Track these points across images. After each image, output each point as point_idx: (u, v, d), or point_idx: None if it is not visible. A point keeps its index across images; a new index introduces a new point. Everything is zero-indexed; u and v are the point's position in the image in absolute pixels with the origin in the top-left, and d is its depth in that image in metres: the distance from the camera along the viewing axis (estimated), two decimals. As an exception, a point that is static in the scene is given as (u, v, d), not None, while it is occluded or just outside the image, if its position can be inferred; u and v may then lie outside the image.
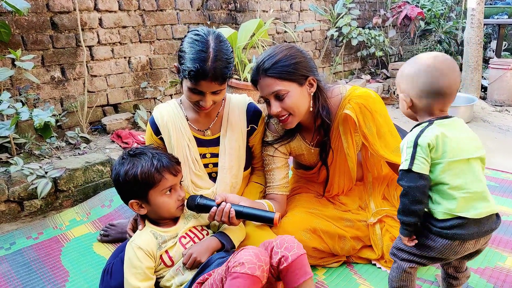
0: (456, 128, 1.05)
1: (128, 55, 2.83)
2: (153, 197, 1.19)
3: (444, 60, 1.04)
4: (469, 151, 1.02)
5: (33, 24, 2.34)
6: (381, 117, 1.42)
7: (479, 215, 1.00)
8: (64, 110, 2.54)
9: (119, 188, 1.22)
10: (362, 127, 1.40)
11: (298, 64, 1.32)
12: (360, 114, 1.39)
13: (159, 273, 1.20)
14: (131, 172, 1.16)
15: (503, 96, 4.05)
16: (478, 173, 1.02)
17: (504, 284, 1.36)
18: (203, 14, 3.24)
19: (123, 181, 1.18)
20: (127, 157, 1.20)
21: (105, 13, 2.65)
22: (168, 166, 1.19)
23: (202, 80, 1.23)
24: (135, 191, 1.19)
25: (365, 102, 1.39)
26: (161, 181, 1.18)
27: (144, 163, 1.17)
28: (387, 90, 4.58)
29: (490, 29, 5.97)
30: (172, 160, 1.22)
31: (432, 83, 1.03)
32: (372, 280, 1.41)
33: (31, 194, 1.90)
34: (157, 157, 1.19)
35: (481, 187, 1.02)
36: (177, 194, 1.22)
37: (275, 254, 1.06)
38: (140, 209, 1.22)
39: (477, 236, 1.02)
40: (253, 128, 1.50)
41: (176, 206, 1.22)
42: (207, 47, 1.23)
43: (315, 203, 1.59)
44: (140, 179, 1.16)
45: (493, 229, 1.04)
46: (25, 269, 1.53)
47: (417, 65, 1.06)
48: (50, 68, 2.46)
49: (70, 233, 1.80)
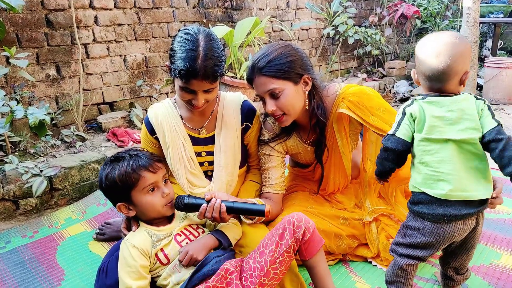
0: (446, 107, 1.04)
1: (124, 53, 2.82)
2: (136, 197, 1.19)
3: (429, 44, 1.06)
4: (448, 132, 1.03)
5: (27, 22, 2.32)
6: (383, 112, 1.39)
7: (444, 196, 1.02)
8: (59, 108, 2.52)
9: (104, 193, 1.24)
10: (367, 121, 1.38)
11: (293, 62, 1.32)
12: (358, 110, 1.39)
13: (156, 272, 1.20)
14: (110, 176, 1.18)
15: (499, 94, 4.07)
16: (453, 154, 1.02)
17: (498, 281, 1.37)
18: (199, 12, 3.23)
19: (105, 185, 1.20)
20: (108, 162, 1.22)
21: (101, 10, 2.63)
22: (145, 165, 1.19)
23: (193, 79, 1.23)
24: (118, 194, 1.20)
25: (359, 99, 1.39)
26: (140, 180, 1.18)
27: (122, 165, 1.18)
28: (384, 88, 4.60)
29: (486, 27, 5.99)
30: (150, 158, 1.22)
31: (421, 65, 1.07)
32: (368, 278, 1.42)
33: (26, 192, 1.89)
34: (134, 158, 1.20)
35: (452, 169, 1.02)
36: (161, 192, 1.21)
37: (298, 228, 1.14)
38: (129, 212, 1.22)
39: (443, 219, 1.03)
40: (248, 126, 1.49)
41: (162, 203, 1.21)
42: (197, 45, 1.22)
43: (311, 201, 1.60)
44: (119, 181, 1.17)
45: (463, 215, 1.02)
46: (21, 268, 1.53)
47: (420, 44, 1.10)
48: (45, 66, 2.44)
49: (65, 231, 1.79)
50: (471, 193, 1.02)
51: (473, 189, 1.03)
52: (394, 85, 4.61)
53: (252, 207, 1.26)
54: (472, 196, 1.02)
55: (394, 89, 4.54)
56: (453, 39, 1.03)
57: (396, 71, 4.82)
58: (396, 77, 4.81)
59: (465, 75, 1.05)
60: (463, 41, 1.05)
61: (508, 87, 4.01)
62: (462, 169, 1.02)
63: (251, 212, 1.28)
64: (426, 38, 1.09)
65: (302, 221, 1.15)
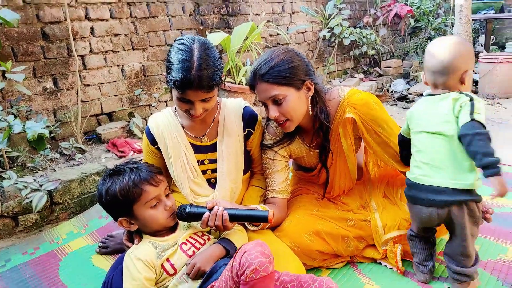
0: (433, 103, 1.22)
1: (121, 63, 2.81)
2: (138, 212, 1.17)
3: (436, 43, 1.24)
4: (426, 126, 1.21)
5: (23, 35, 2.30)
6: (386, 125, 1.41)
7: (414, 179, 1.22)
8: (58, 121, 2.50)
9: (104, 208, 1.21)
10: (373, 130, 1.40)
11: (294, 68, 1.31)
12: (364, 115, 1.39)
13: (162, 283, 1.17)
14: (111, 191, 1.15)
15: (494, 89, 4.08)
16: (429, 145, 1.19)
17: (507, 276, 1.34)
18: (195, 20, 3.22)
19: (106, 200, 1.17)
20: (107, 176, 1.19)
21: (97, 21, 2.63)
22: (146, 178, 1.16)
23: (188, 90, 1.21)
24: (119, 209, 1.17)
25: (367, 110, 1.39)
26: (142, 195, 1.15)
27: (122, 179, 1.15)
28: (381, 88, 4.60)
29: (478, 24, 6.04)
30: (152, 171, 1.19)
31: (428, 61, 1.24)
32: (376, 279, 1.40)
33: (26, 208, 1.86)
34: (134, 171, 1.17)
35: (425, 158, 1.20)
36: (163, 205, 1.19)
37: None
38: (130, 226, 1.20)
39: (415, 201, 1.23)
40: (250, 132, 1.48)
41: (165, 216, 1.19)
42: (191, 55, 1.21)
43: (316, 204, 1.58)
44: (120, 196, 1.14)
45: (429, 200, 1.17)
46: (22, 286, 1.49)
47: (429, 45, 1.26)
48: (42, 79, 2.43)
49: (67, 246, 1.76)
50: (435, 179, 1.16)
51: (439, 177, 1.16)
52: (391, 84, 4.62)
53: (255, 214, 1.24)
54: (435, 182, 1.16)
55: (391, 88, 4.55)
56: (456, 41, 1.22)
57: (392, 70, 4.83)
58: (392, 76, 4.82)
59: (465, 73, 1.19)
60: (465, 44, 1.22)
61: (502, 81, 4.02)
62: (436, 159, 1.17)
63: (254, 219, 1.26)
64: (434, 40, 1.26)
65: None
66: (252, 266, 0.95)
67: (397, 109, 4.00)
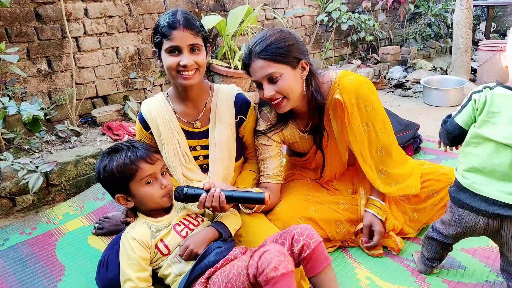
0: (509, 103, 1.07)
1: (116, 46, 2.78)
2: (134, 188, 1.19)
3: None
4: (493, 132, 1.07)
5: (16, 16, 2.27)
6: (372, 110, 1.40)
7: (468, 186, 1.11)
8: (53, 103, 2.49)
9: (102, 184, 1.24)
10: (350, 114, 1.39)
11: (290, 46, 1.31)
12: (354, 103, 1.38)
13: (157, 263, 1.21)
14: (108, 167, 1.18)
15: (493, 78, 4.08)
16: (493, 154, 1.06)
17: (495, 262, 1.39)
18: (190, 2, 3.18)
19: (103, 177, 1.20)
20: (106, 154, 1.22)
21: (91, 2, 2.58)
22: (143, 156, 1.19)
23: (174, 30, 1.27)
24: (116, 186, 1.20)
25: (356, 89, 1.38)
26: (138, 172, 1.18)
27: (119, 156, 1.18)
28: (378, 74, 4.58)
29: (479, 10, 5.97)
30: (148, 149, 1.22)
31: None
32: (366, 264, 1.44)
33: (23, 189, 1.88)
34: (131, 149, 1.20)
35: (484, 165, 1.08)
36: (159, 183, 1.21)
37: (297, 242, 1.08)
38: (127, 203, 1.23)
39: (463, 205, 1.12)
40: (242, 119, 1.48)
41: (160, 195, 1.21)
42: (175, 10, 1.34)
43: (309, 189, 1.60)
44: (117, 173, 1.17)
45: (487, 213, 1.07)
46: (20, 265, 1.53)
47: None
48: (36, 60, 2.40)
49: (64, 227, 1.79)
50: (491, 190, 1.06)
51: (496, 189, 1.06)
52: (389, 71, 4.60)
53: (252, 196, 1.26)
54: (492, 194, 1.06)
55: (388, 75, 4.53)
56: None
57: (390, 57, 4.80)
58: (390, 62, 4.80)
59: None
60: None
61: (502, 70, 4.00)
62: (498, 171, 1.05)
63: (251, 201, 1.27)
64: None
65: (302, 236, 1.08)
66: (272, 265, 0.96)
67: (393, 97, 4.01)
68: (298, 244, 1.08)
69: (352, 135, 1.42)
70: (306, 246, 1.07)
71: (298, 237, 1.08)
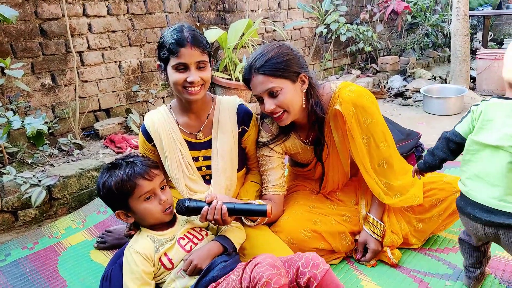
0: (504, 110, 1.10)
1: (119, 59, 2.81)
2: (134, 205, 1.19)
3: None
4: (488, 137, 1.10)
5: (21, 32, 2.31)
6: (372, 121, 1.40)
7: (466, 193, 1.14)
8: (56, 117, 2.51)
9: (103, 200, 1.24)
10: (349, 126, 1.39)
11: (289, 61, 1.33)
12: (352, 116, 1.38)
13: (160, 277, 1.20)
14: (107, 184, 1.18)
15: (492, 85, 4.11)
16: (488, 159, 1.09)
17: (504, 273, 1.36)
18: (192, 16, 3.23)
19: (103, 193, 1.20)
20: (105, 170, 1.22)
21: (94, 18, 2.63)
22: (140, 173, 1.18)
23: (182, 48, 1.28)
24: (116, 202, 1.20)
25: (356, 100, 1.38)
26: (136, 188, 1.17)
27: (118, 173, 1.18)
28: (378, 84, 4.62)
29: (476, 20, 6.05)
30: (147, 165, 1.21)
31: None
32: (373, 276, 1.42)
33: (25, 203, 1.88)
34: (130, 165, 1.19)
35: (480, 170, 1.11)
36: (158, 199, 1.20)
37: (302, 274, 1.04)
38: (127, 218, 1.22)
39: (463, 212, 1.15)
40: (244, 130, 1.49)
41: (160, 210, 1.20)
42: (181, 26, 1.35)
43: (312, 200, 1.60)
44: (115, 189, 1.17)
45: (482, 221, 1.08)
46: (22, 280, 1.51)
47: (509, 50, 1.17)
48: (40, 75, 2.43)
49: (66, 241, 1.78)
50: (484, 197, 1.08)
51: (488, 195, 1.07)
52: (388, 81, 4.64)
53: (254, 208, 1.25)
54: (484, 200, 1.08)
55: (388, 85, 4.57)
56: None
57: (389, 67, 4.85)
58: (389, 72, 4.84)
59: None
60: None
61: (500, 78, 3.98)
62: (491, 174, 1.06)
63: (253, 213, 1.27)
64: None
65: (307, 267, 1.03)
66: (263, 279, 0.94)
67: (394, 106, 4.03)
68: (304, 277, 1.03)
69: (354, 146, 1.43)
70: (313, 278, 1.03)
71: (304, 269, 1.04)
